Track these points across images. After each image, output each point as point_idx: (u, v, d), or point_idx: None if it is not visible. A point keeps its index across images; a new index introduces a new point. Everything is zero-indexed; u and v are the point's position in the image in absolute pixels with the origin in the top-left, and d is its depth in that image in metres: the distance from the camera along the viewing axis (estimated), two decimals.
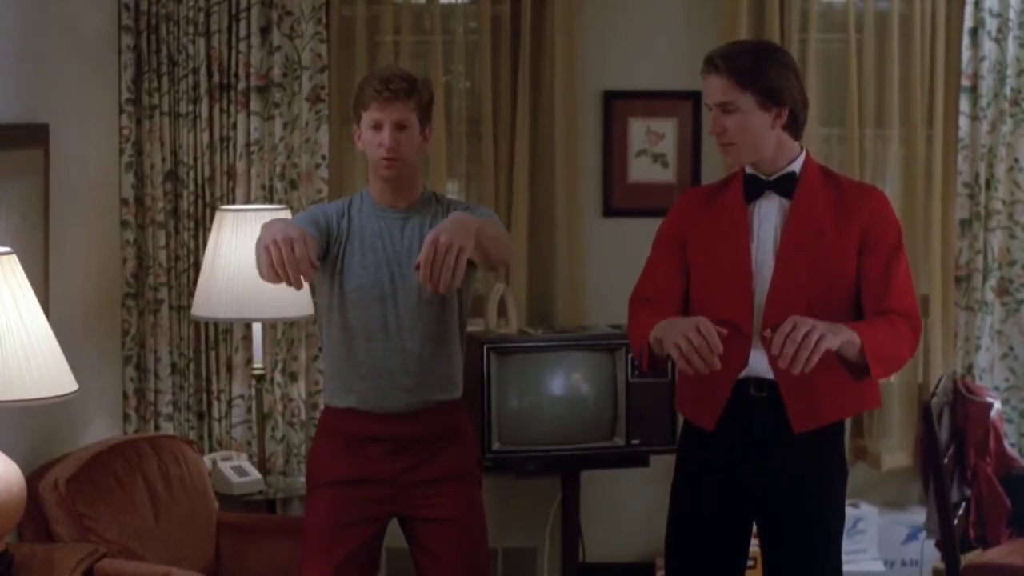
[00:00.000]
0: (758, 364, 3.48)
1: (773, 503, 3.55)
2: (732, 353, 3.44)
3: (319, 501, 3.77)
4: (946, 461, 4.80)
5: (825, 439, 3.53)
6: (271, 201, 5.23)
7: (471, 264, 3.46)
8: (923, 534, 5.37)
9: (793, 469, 3.51)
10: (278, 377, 5.31)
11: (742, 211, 3.53)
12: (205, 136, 5.23)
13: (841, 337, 3.26)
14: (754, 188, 3.53)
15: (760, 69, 3.43)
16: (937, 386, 4.95)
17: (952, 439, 4.98)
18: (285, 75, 5.27)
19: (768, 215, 3.51)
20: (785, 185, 3.51)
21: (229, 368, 5.27)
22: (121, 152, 5.17)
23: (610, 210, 5.57)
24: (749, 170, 3.55)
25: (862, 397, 3.59)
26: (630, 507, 5.55)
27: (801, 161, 3.52)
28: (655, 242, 3.71)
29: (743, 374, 3.50)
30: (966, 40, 5.38)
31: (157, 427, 5.21)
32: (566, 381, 5.11)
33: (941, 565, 5.00)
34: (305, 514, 3.83)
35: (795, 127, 3.50)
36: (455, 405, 3.80)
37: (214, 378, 5.28)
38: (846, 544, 3.83)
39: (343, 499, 3.72)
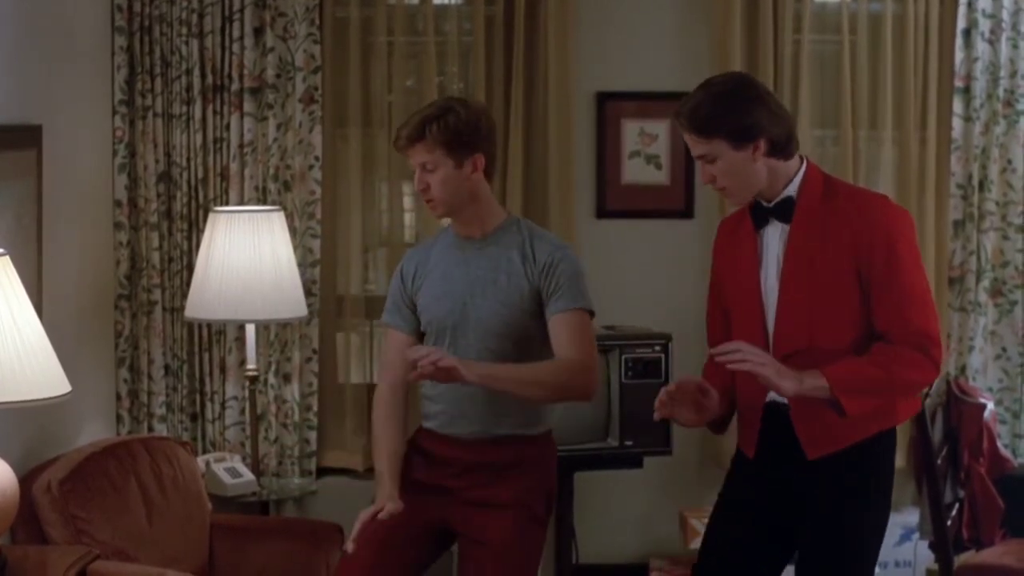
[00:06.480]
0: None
1: (805, 522, 3.53)
2: (755, 383, 3.44)
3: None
4: (939, 462, 4.80)
5: (848, 460, 3.47)
6: (264, 202, 5.23)
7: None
8: (917, 535, 5.37)
9: (820, 488, 3.49)
10: (271, 378, 5.30)
11: (752, 240, 3.54)
12: (198, 137, 5.22)
13: (794, 385, 3.32)
14: (759, 215, 3.53)
15: (720, 116, 3.38)
16: (930, 387, 4.95)
17: (945, 440, 4.99)
18: (278, 76, 5.26)
19: (772, 241, 3.51)
20: (784, 210, 3.48)
21: (222, 369, 5.27)
22: (114, 153, 5.17)
23: (603, 211, 5.57)
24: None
25: (880, 417, 3.50)
26: (624, 508, 5.55)
27: (798, 182, 3.47)
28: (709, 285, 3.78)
29: (769, 398, 3.51)
30: (959, 41, 5.38)
31: (150, 428, 5.21)
32: None
33: (935, 566, 4.99)
34: None
35: (780, 150, 3.44)
36: (530, 440, 3.74)
37: (207, 379, 5.28)
38: None
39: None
